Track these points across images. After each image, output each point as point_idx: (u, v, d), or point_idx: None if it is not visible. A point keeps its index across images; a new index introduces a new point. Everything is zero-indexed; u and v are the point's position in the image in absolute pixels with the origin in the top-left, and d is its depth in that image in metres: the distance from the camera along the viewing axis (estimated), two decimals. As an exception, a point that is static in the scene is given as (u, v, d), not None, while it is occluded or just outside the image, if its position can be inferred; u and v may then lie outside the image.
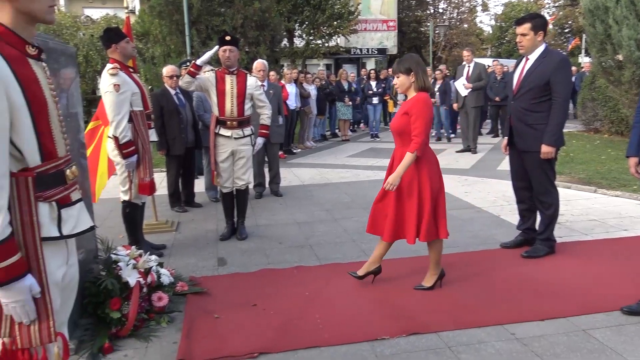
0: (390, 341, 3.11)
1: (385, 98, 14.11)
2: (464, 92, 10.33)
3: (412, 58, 3.68)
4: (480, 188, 7.34)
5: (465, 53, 10.65)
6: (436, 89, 12.66)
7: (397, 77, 3.66)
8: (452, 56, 33.31)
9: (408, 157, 3.54)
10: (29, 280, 1.64)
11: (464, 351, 2.98)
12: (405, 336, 3.15)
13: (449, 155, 10.51)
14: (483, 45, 38.18)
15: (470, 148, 10.64)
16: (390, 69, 15.97)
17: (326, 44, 21.78)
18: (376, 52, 27.51)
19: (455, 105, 10.96)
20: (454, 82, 11.11)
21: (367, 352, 2.99)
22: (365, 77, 14.92)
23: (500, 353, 2.95)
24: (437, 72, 12.99)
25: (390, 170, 3.77)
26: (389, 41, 27.62)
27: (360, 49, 27.02)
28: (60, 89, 3.07)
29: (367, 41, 27.21)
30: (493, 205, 6.29)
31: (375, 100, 13.46)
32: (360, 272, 3.92)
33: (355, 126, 15.39)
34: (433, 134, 13.49)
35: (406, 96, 3.77)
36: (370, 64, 26.72)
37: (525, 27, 4.23)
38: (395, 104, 13.13)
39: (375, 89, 13.49)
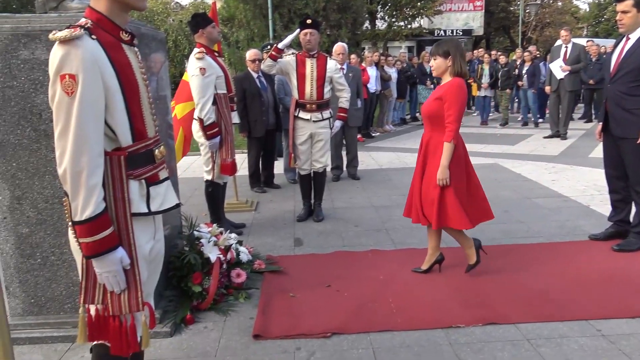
0: (465, 330, 3.05)
1: (470, 81, 13.62)
2: (560, 74, 9.64)
3: (451, 41, 3.63)
4: (569, 176, 6.96)
5: (563, 33, 9.91)
6: (524, 71, 12.08)
7: (434, 60, 3.58)
8: (543, 37, 31.47)
9: (446, 147, 3.50)
10: (120, 252, 1.75)
11: (543, 345, 2.87)
12: (481, 325, 3.08)
13: (535, 141, 10.03)
14: (579, 25, 35.70)
15: (559, 134, 10.06)
16: (475, 51, 15.40)
17: (409, 26, 21.30)
18: (461, 33, 26.56)
19: (547, 88, 10.22)
20: (548, 64, 10.41)
21: (441, 339, 2.96)
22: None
23: (584, 349, 2.81)
24: (526, 53, 12.37)
25: (420, 154, 3.75)
26: (475, 22, 26.57)
27: (444, 30, 26.20)
28: (150, 73, 3.23)
29: (452, 22, 26.33)
30: (582, 195, 5.94)
31: (458, 83, 13.03)
32: (424, 267, 3.88)
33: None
34: (519, 119, 12.93)
35: (492, 77, 3.65)
36: (455, 46, 25.84)
37: (627, 4, 3.93)
38: (479, 87, 12.66)
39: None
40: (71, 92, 1.63)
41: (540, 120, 12.37)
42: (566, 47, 9.68)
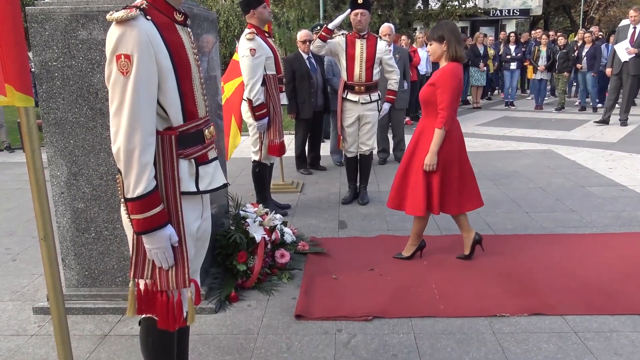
0: (509, 319, 3.00)
1: (525, 64, 13.15)
2: (625, 57, 9.10)
3: (446, 25, 3.55)
4: (627, 164, 6.66)
5: (632, 12, 9.28)
6: (584, 53, 11.56)
7: (430, 45, 3.57)
8: (606, 17, 29.95)
9: (437, 133, 3.48)
10: (169, 229, 1.79)
11: (592, 338, 2.78)
12: (526, 315, 3.02)
13: (593, 127, 9.62)
14: (647, 4, 33.80)
15: (606, 119, 9.60)
16: (532, 32, 14.82)
17: (463, 5, 20.70)
18: (518, 13, 25.59)
19: (608, 71, 9.71)
20: (612, 45, 9.85)
21: (484, 328, 2.92)
22: (503, 40, 13.97)
23: (635, 344, 2.71)
24: (587, 34, 11.81)
25: (413, 140, 3.71)
26: (534, 1, 25.50)
27: (501, 10, 25.31)
28: (202, 53, 3.28)
29: (509, 1, 25.39)
30: (641, 185, 5.68)
31: (513, 65, 12.61)
32: (406, 253, 3.86)
33: (490, 93, 14.53)
34: (576, 103, 12.41)
35: (549, 59, 3.52)
36: (511, 27, 24.99)
37: None
38: (535, 70, 12.21)
39: (514, 54, 12.62)
40: (126, 72, 1.67)
41: (599, 105, 11.84)
42: (634, 27, 9.08)
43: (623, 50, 9.16)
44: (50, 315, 2.11)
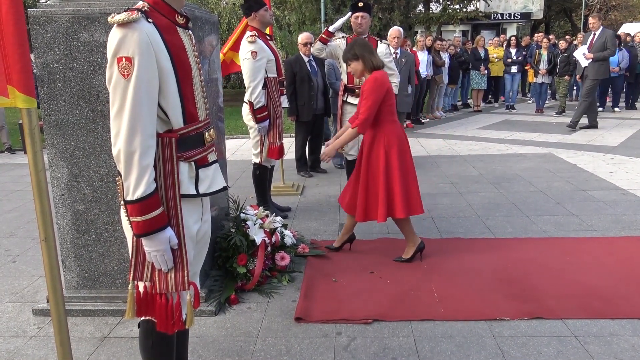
0: (510, 323, 3.00)
1: (526, 67, 13.16)
2: (584, 62, 9.34)
3: (356, 43, 3.75)
4: (628, 168, 6.66)
5: (591, 20, 9.52)
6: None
7: (349, 65, 3.77)
8: (607, 20, 29.96)
9: (349, 132, 3.72)
10: (169, 232, 1.80)
11: (592, 342, 2.78)
12: (527, 319, 3.02)
13: (593, 130, 9.61)
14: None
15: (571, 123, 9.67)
16: (535, 35, 14.80)
17: (464, 9, 20.71)
18: (519, 17, 25.62)
19: (578, 77, 10.06)
20: (574, 52, 10.13)
21: (484, 332, 2.91)
22: (500, 43, 13.96)
23: (635, 349, 2.71)
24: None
25: (362, 151, 3.82)
26: (535, 5, 25.54)
27: (502, 14, 25.34)
28: (203, 56, 3.29)
29: (510, 5, 25.41)
30: (642, 189, 5.68)
31: (514, 69, 12.62)
32: (406, 255, 3.88)
33: (490, 96, 14.53)
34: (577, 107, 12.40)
35: (550, 63, 3.56)
36: (512, 30, 25.01)
37: None
38: (535, 74, 12.21)
39: (514, 57, 12.63)
40: (127, 74, 1.67)
41: (600, 109, 11.85)
42: (594, 34, 9.28)
43: (582, 57, 9.38)
44: (50, 317, 2.11)
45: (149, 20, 1.73)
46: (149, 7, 1.79)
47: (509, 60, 12.67)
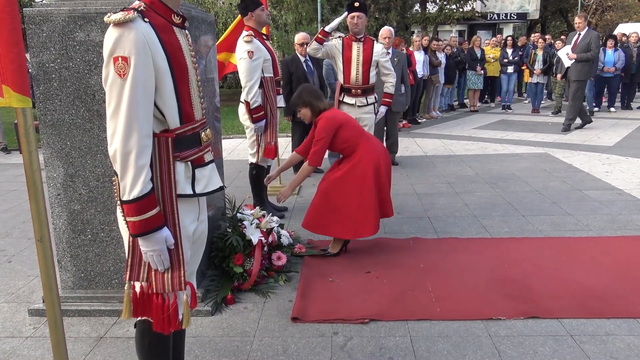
0: (506, 322, 3.00)
1: (522, 67, 13.19)
2: (567, 62, 9.33)
3: (303, 90, 3.96)
4: (623, 168, 6.68)
5: (577, 20, 9.51)
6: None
7: (299, 111, 3.99)
8: (603, 21, 30.07)
9: (304, 168, 3.93)
10: (165, 232, 1.79)
11: (588, 341, 2.79)
12: (523, 319, 3.03)
13: (589, 130, 9.64)
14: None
15: (564, 125, 9.63)
16: (532, 35, 14.82)
17: (461, 9, 20.73)
18: (515, 17, 25.67)
19: (558, 77, 10.07)
20: (558, 51, 10.14)
21: (480, 331, 2.92)
22: (498, 44, 13.98)
23: (631, 348, 2.72)
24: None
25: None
26: (531, 5, 25.60)
27: (498, 14, 25.37)
28: (199, 56, 3.28)
29: (506, 5, 25.46)
30: (637, 188, 5.70)
31: (510, 69, 12.65)
32: (333, 250, 4.02)
33: (487, 96, 14.54)
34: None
35: (545, 63, 3.57)
36: (508, 30, 25.06)
37: None
38: (531, 74, 12.24)
39: (511, 57, 12.66)
40: (123, 74, 1.67)
41: (596, 109, 11.90)
42: (579, 34, 9.27)
43: (565, 56, 9.37)
44: (45, 317, 2.10)
45: (146, 19, 1.73)
46: (145, 6, 1.79)
47: (506, 60, 12.70)
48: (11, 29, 1.78)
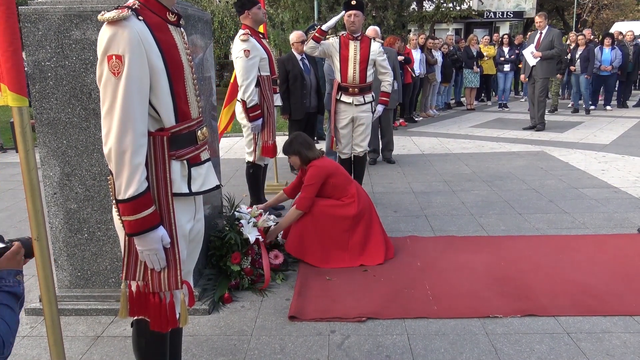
0: (503, 320, 3.01)
1: (520, 66, 13.18)
2: (532, 61, 9.28)
3: (296, 140, 4.08)
4: (619, 166, 6.70)
5: (537, 19, 9.51)
6: (577, 56, 11.63)
7: (290, 159, 4.13)
8: (599, 19, 30.16)
9: (292, 212, 3.90)
10: (161, 231, 1.79)
11: (584, 339, 2.80)
12: (519, 317, 3.03)
13: (585, 128, 9.67)
14: (639, 7, 34.00)
15: (535, 125, 9.60)
16: (526, 34, 14.83)
17: (457, 7, 20.74)
18: (512, 15, 25.69)
19: (522, 77, 9.95)
20: (522, 50, 10.11)
21: (477, 329, 2.93)
22: (495, 42, 13.99)
23: (627, 345, 2.73)
24: (580, 37, 11.87)
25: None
26: (527, 3, 25.61)
27: (494, 12, 25.39)
28: (195, 54, 3.28)
29: (502, 3, 25.47)
30: (633, 186, 5.72)
31: (506, 67, 12.66)
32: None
33: (483, 95, 14.56)
34: (569, 105, 12.48)
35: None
36: (504, 29, 25.07)
37: None
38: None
39: (507, 56, 12.67)
40: (117, 72, 1.66)
41: (592, 107, 11.93)
42: (540, 33, 9.25)
43: (530, 55, 9.33)
44: (42, 316, 2.10)
45: (140, 18, 1.72)
46: (139, 4, 1.78)
47: (502, 58, 12.72)
48: (7, 28, 1.78)
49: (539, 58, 9.15)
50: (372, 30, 6.64)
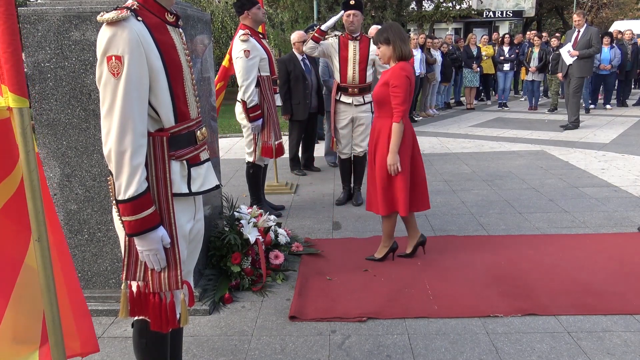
0: (503, 319, 3.01)
1: (526, 65, 13.18)
2: (569, 60, 9.26)
3: (390, 27, 3.62)
4: (619, 165, 6.70)
5: (575, 17, 9.47)
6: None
7: (379, 48, 3.65)
8: (599, 18, 30.15)
9: (395, 128, 3.53)
10: (161, 231, 1.79)
11: (585, 338, 2.80)
12: (520, 316, 3.03)
13: (585, 128, 9.67)
14: (638, 6, 33.98)
15: (569, 124, 9.57)
16: (527, 33, 14.84)
17: (457, 7, 20.76)
18: (511, 14, 25.71)
19: (559, 75, 9.91)
20: (560, 49, 10.05)
21: (478, 328, 2.93)
22: (494, 42, 14.00)
23: (628, 344, 2.73)
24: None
25: (373, 142, 3.73)
26: (527, 3, 25.63)
27: (494, 12, 25.41)
28: (195, 55, 3.27)
29: (502, 3, 25.48)
30: (633, 185, 5.72)
31: (506, 66, 12.67)
32: (378, 255, 3.87)
33: (483, 94, 14.56)
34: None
35: (541, 61, 3.51)
36: (504, 28, 25.09)
37: None
38: (527, 72, 12.26)
39: (507, 55, 12.67)
40: (117, 73, 1.66)
41: (592, 106, 11.94)
42: (578, 31, 9.23)
43: (566, 54, 9.32)
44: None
45: (139, 18, 1.73)
46: (138, 5, 1.78)
47: (502, 58, 12.72)
48: (7, 28, 1.77)
49: (576, 57, 9.09)
50: (374, 29, 6.65)
